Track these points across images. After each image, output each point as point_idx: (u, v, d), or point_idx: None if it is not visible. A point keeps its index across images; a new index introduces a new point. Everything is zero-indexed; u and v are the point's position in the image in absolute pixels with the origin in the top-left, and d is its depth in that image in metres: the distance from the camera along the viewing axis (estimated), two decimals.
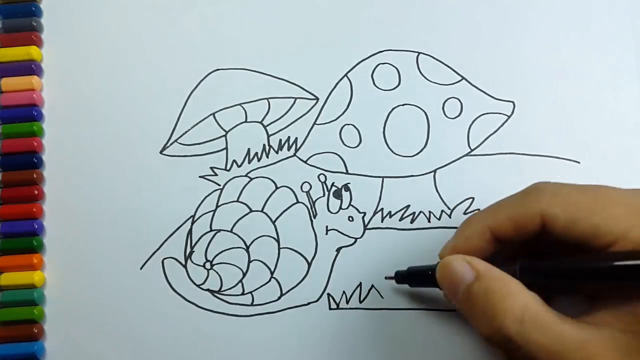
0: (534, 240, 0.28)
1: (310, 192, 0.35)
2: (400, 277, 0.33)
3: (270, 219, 0.35)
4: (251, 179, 0.36)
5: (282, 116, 0.36)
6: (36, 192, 0.36)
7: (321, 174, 0.36)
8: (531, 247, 0.29)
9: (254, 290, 0.35)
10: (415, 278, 0.32)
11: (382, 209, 0.35)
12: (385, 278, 0.33)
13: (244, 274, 0.35)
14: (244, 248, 0.35)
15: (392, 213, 0.35)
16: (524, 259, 0.28)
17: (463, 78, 0.36)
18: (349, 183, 0.35)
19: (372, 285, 0.34)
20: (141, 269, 0.35)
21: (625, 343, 0.25)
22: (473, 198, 0.35)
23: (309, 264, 0.35)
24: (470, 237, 0.29)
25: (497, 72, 0.36)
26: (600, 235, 0.25)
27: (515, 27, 0.36)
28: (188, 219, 0.35)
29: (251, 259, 0.35)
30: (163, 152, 0.36)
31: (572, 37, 0.36)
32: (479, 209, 0.35)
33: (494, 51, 0.36)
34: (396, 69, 0.36)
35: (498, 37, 0.36)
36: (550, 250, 0.28)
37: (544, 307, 0.26)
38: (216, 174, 0.36)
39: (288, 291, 0.35)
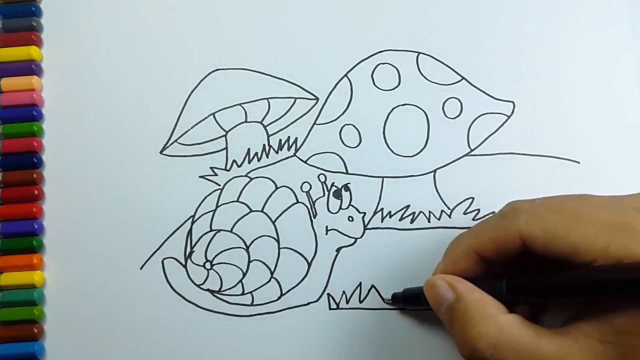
0: (522, 256, 0.28)
1: (310, 192, 0.35)
2: (396, 299, 0.34)
3: (270, 219, 0.35)
4: (251, 179, 0.36)
5: (282, 116, 0.36)
6: (36, 192, 0.36)
7: (321, 174, 0.36)
8: (521, 262, 0.29)
9: (254, 290, 0.35)
10: (410, 299, 0.33)
11: (382, 209, 0.35)
12: (384, 301, 0.34)
13: (244, 274, 0.35)
14: (244, 248, 0.35)
15: (392, 213, 0.35)
16: (512, 276, 0.28)
17: (463, 78, 0.36)
18: (349, 183, 0.35)
19: (372, 285, 0.34)
20: (141, 269, 0.35)
21: (603, 353, 0.25)
22: (473, 198, 0.35)
23: (309, 264, 0.35)
24: (457, 259, 0.30)
25: (497, 72, 0.36)
26: (580, 254, 0.26)
27: (515, 27, 0.36)
28: (188, 219, 0.35)
29: (251, 259, 0.35)
30: (163, 152, 0.36)
31: (572, 37, 0.36)
32: (479, 209, 0.35)
33: (494, 51, 0.36)
34: (396, 69, 0.36)
35: (498, 37, 0.36)
36: (539, 264, 0.29)
37: (521, 327, 0.27)
38: (216, 174, 0.36)
39: (288, 291, 0.35)
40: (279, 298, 0.35)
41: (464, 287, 0.28)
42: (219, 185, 0.36)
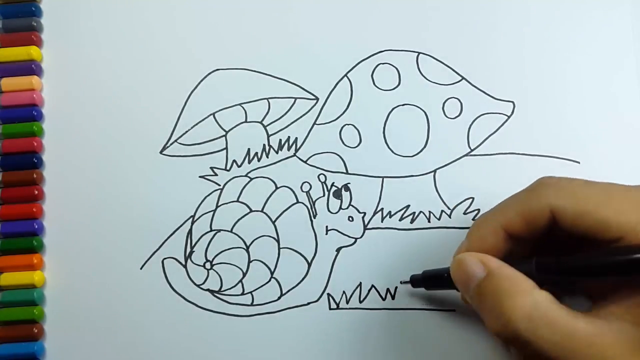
0: (548, 236, 0.28)
1: (310, 192, 0.35)
2: (416, 281, 0.33)
3: (270, 219, 0.35)
4: (251, 179, 0.36)
5: (282, 116, 0.36)
6: (36, 192, 0.36)
7: (321, 174, 0.36)
8: (547, 244, 0.29)
9: (254, 290, 0.35)
10: (431, 281, 0.32)
11: (382, 209, 0.35)
12: (401, 282, 0.34)
13: (244, 274, 0.35)
14: (244, 248, 0.35)
15: (392, 213, 0.35)
16: (541, 256, 0.28)
17: (463, 78, 0.36)
18: (349, 183, 0.35)
19: (372, 285, 0.34)
20: (141, 269, 0.35)
21: (636, 335, 0.25)
22: (473, 198, 0.35)
23: (309, 264, 0.35)
24: (483, 236, 0.29)
25: (497, 72, 0.36)
26: (609, 229, 0.26)
27: (516, 27, 0.36)
28: (188, 219, 0.35)
29: (251, 259, 0.35)
30: (163, 152, 0.36)
31: (572, 37, 0.36)
32: (479, 209, 0.35)
33: (494, 51, 0.36)
34: (396, 69, 0.36)
35: (498, 37, 0.36)
36: (565, 247, 0.28)
37: (555, 304, 0.26)
38: (216, 174, 0.36)
39: (288, 291, 0.35)
40: (279, 298, 0.35)
41: (495, 263, 0.28)
42: (219, 185, 0.36)
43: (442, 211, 0.35)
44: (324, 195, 0.35)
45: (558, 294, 0.27)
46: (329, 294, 0.34)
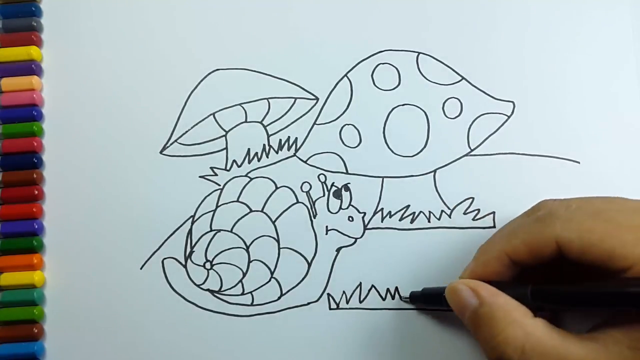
0: (553, 262, 0.28)
1: (310, 192, 0.35)
2: (414, 298, 0.33)
3: (270, 219, 0.35)
4: (251, 179, 0.36)
5: (282, 116, 0.36)
6: (36, 192, 0.36)
7: (321, 174, 0.36)
8: (551, 269, 0.29)
9: (254, 290, 0.35)
10: (430, 299, 0.33)
11: (382, 209, 0.35)
12: (402, 299, 0.34)
13: (244, 274, 0.35)
14: (244, 248, 0.35)
15: (392, 213, 0.35)
16: (537, 283, 0.28)
17: (463, 78, 0.36)
18: (349, 183, 0.35)
19: (372, 285, 0.34)
20: (141, 269, 0.35)
21: None
22: (473, 198, 0.35)
23: (309, 264, 0.35)
24: (487, 262, 0.29)
25: (497, 72, 0.36)
26: (616, 260, 0.26)
27: (515, 27, 0.36)
28: (188, 219, 0.35)
29: (251, 259, 0.35)
30: (163, 152, 0.36)
31: (572, 37, 0.36)
32: (479, 209, 0.35)
33: (494, 51, 0.36)
34: (396, 69, 0.36)
35: (498, 37, 0.36)
36: (569, 272, 0.29)
37: (548, 332, 0.27)
38: (216, 174, 0.36)
39: (288, 291, 0.35)
40: (279, 298, 0.35)
41: (487, 292, 0.28)
42: (219, 185, 0.36)
43: (442, 211, 0.35)
44: (324, 195, 0.35)
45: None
46: (329, 294, 0.34)
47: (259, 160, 0.36)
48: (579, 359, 0.26)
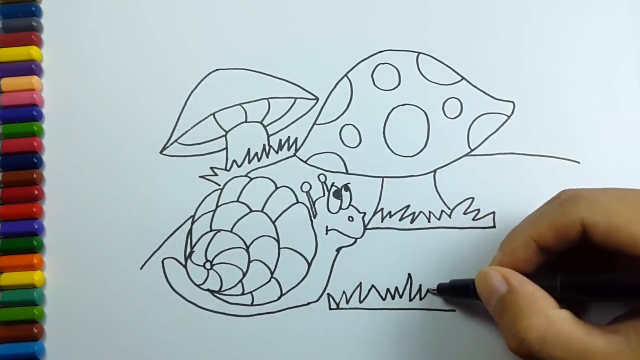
0: (582, 249, 0.28)
1: (310, 192, 0.35)
2: (441, 289, 0.34)
3: (270, 219, 0.35)
4: (251, 179, 0.36)
5: (282, 116, 0.36)
6: (36, 192, 0.36)
7: (321, 174, 0.36)
8: (580, 257, 0.29)
9: (254, 290, 0.35)
10: (457, 290, 0.33)
11: (382, 209, 0.35)
12: (429, 291, 0.34)
13: (244, 274, 0.35)
14: (244, 248, 0.35)
15: (392, 213, 0.35)
16: (566, 273, 0.28)
17: (463, 78, 0.36)
18: (349, 183, 0.35)
19: (372, 285, 0.34)
20: (141, 269, 0.35)
21: None
22: (473, 198, 0.35)
23: (309, 264, 0.35)
24: (514, 249, 0.29)
25: (497, 72, 0.36)
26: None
27: (516, 27, 0.36)
28: (188, 219, 0.35)
29: (251, 259, 0.35)
30: (163, 152, 0.36)
31: (572, 37, 0.36)
32: (479, 209, 0.35)
33: (494, 51, 0.36)
34: (396, 69, 0.36)
35: (498, 37, 0.36)
36: (598, 259, 0.29)
37: (571, 324, 0.27)
38: (216, 174, 0.36)
39: (288, 291, 0.35)
40: (279, 298, 0.35)
41: (517, 279, 0.28)
42: (219, 185, 0.36)
43: (442, 211, 0.35)
44: (324, 195, 0.35)
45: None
46: (329, 294, 0.34)
47: (259, 160, 0.36)
48: (601, 351, 0.25)
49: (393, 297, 0.34)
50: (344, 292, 0.34)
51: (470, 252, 0.34)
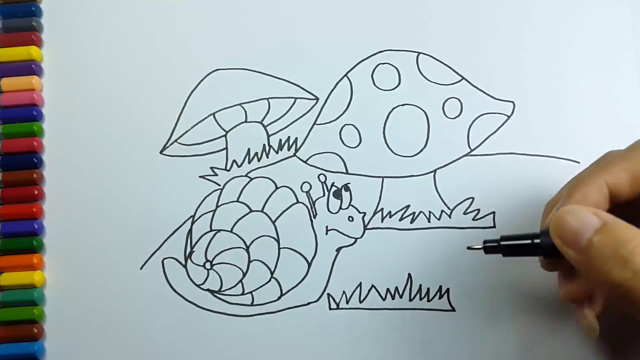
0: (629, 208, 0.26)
1: (310, 192, 0.35)
2: (491, 247, 0.29)
3: (270, 219, 0.35)
4: (251, 179, 0.36)
5: (282, 116, 0.36)
6: (36, 192, 0.36)
7: (321, 174, 0.36)
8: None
9: (254, 290, 0.35)
10: (513, 245, 0.29)
11: (382, 209, 0.35)
12: (468, 248, 0.31)
13: (244, 274, 0.35)
14: (244, 248, 0.35)
15: (392, 213, 0.35)
16: None
17: (463, 78, 0.36)
18: (349, 183, 0.35)
19: (372, 285, 0.34)
20: (141, 269, 0.35)
21: None
22: (473, 198, 0.35)
23: (309, 264, 0.35)
24: (587, 195, 0.27)
25: (497, 72, 0.36)
26: None
27: (515, 27, 0.36)
28: (188, 219, 0.35)
29: (251, 259, 0.35)
30: (163, 152, 0.36)
31: (572, 37, 0.36)
32: (479, 209, 0.35)
33: (494, 51, 0.36)
34: (396, 69, 0.36)
35: (498, 37, 0.36)
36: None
37: None
38: (216, 174, 0.36)
39: (288, 291, 0.35)
40: (279, 298, 0.35)
41: (611, 216, 0.25)
42: (219, 185, 0.36)
43: (442, 211, 0.35)
44: (324, 195, 0.35)
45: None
46: (329, 294, 0.34)
47: (259, 160, 0.36)
48: None
49: (393, 297, 0.34)
50: (344, 292, 0.34)
51: (470, 252, 0.34)
